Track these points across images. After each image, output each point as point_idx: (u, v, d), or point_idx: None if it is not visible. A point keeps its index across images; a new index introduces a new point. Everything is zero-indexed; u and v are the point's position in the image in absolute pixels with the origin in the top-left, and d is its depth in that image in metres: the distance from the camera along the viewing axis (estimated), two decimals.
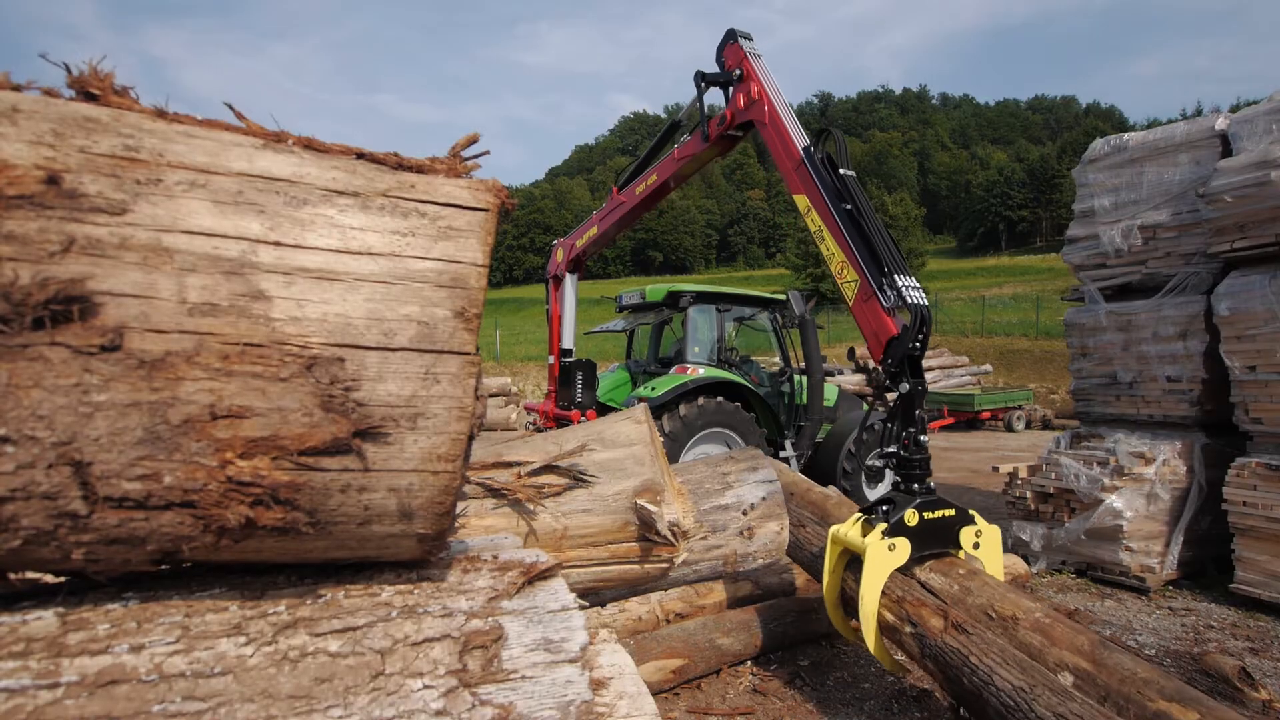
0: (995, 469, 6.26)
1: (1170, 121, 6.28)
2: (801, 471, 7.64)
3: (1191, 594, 5.08)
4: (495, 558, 1.29)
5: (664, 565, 3.30)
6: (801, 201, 4.80)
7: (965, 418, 16.83)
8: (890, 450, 3.60)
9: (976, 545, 3.28)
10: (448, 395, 1.04)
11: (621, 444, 3.22)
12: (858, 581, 3.11)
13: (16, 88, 0.91)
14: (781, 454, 7.54)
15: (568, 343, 8.57)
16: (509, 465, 3.05)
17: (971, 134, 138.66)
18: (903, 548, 3.11)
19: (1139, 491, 5.13)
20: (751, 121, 5.68)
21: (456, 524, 1.21)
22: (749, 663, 3.80)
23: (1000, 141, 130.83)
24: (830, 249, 4.51)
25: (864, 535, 3.17)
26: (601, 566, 3.16)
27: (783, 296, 8.12)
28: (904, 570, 3.09)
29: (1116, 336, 5.83)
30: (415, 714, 1.00)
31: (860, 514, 3.34)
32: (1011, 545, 5.81)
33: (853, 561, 3.31)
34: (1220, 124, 5.30)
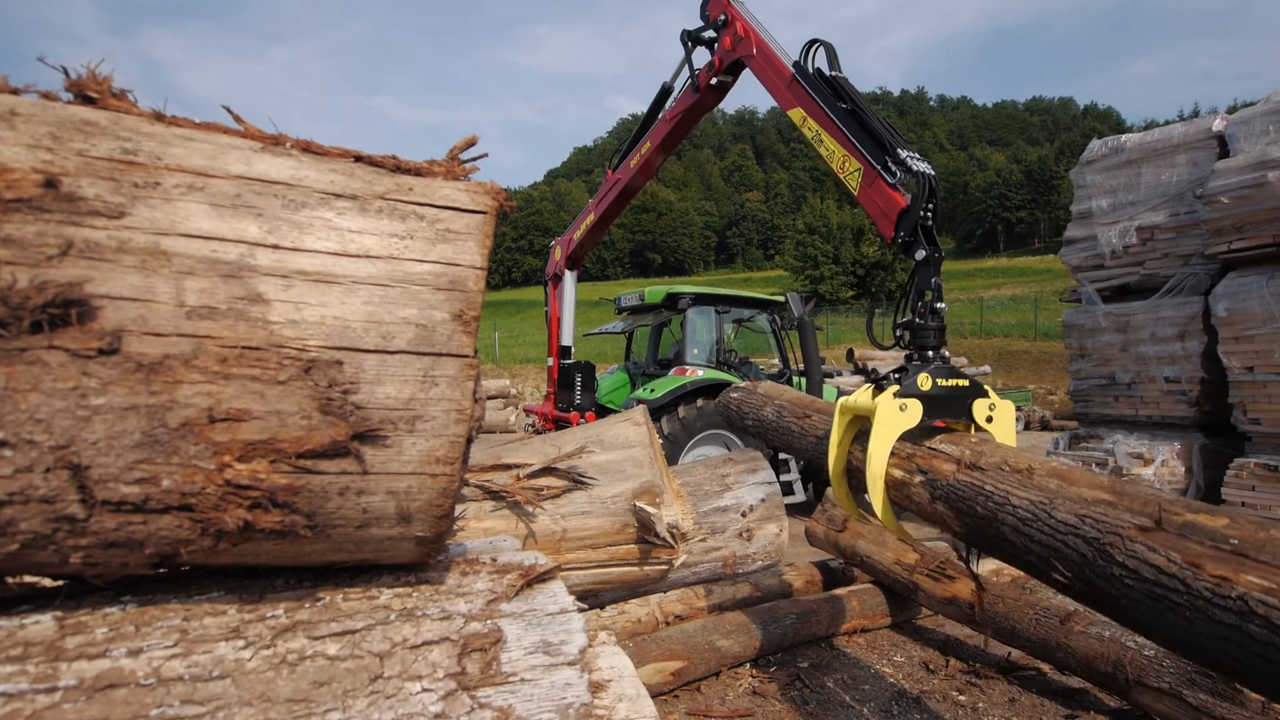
0: None
1: (1168, 123, 6.30)
2: (800, 474, 7.65)
3: None
4: (494, 560, 1.29)
5: (663, 567, 3.30)
6: (797, 114, 4.86)
7: None
8: (905, 320, 3.50)
9: (990, 419, 3.13)
10: (446, 398, 1.04)
11: (620, 446, 3.22)
12: (865, 451, 2.99)
13: (14, 91, 0.91)
14: (780, 455, 7.54)
15: (567, 340, 8.59)
16: (508, 467, 3.05)
17: (969, 135, 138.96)
18: (914, 410, 2.97)
19: None
20: (740, 61, 5.77)
21: (455, 526, 1.21)
22: (748, 665, 3.80)
23: (998, 143, 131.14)
24: (829, 148, 4.54)
25: (865, 400, 3.06)
26: (600, 569, 3.16)
27: (781, 298, 8.13)
28: (912, 438, 2.97)
29: (1115, 337, 5.84)
30: (414, 717, 1.00)
31: (869, 383, 3.21)
32: None
33: (859, 436, 3.17)
34: (1218, 125, 5.31)
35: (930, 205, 3.77)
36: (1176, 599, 1.68)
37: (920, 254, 3.73)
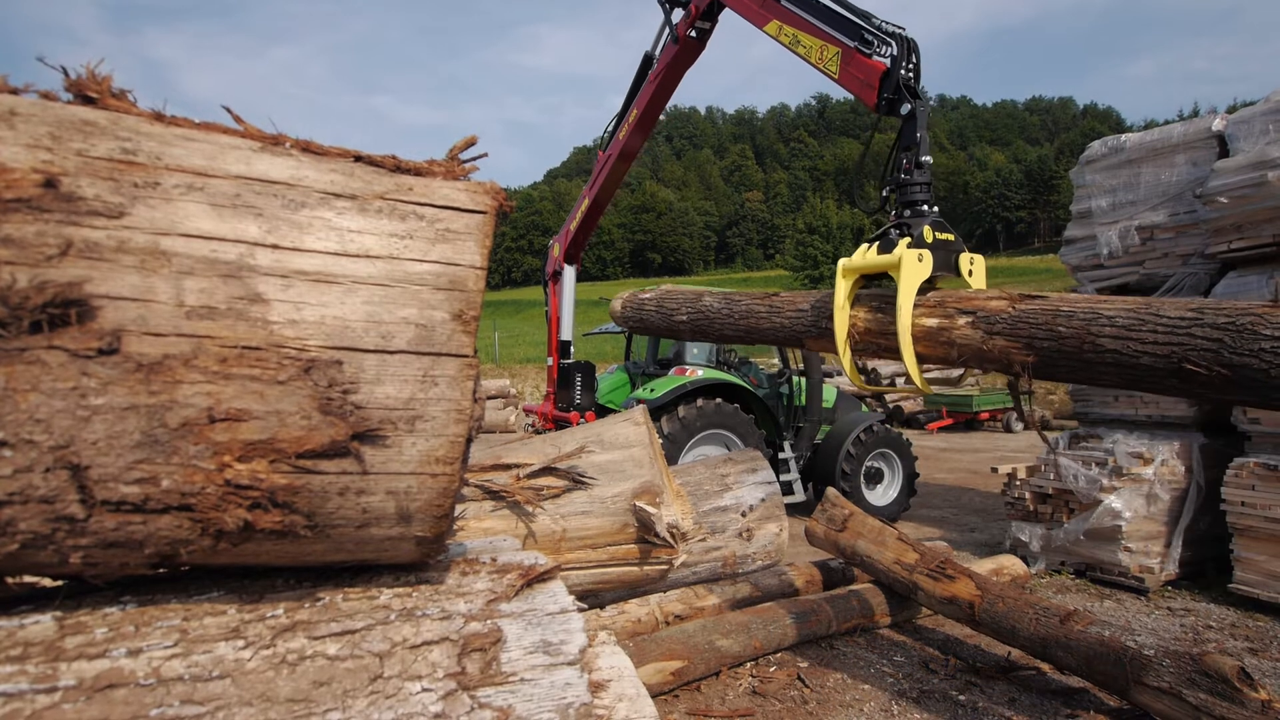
0: (994, 470, 6.26)
1: (1167, 122, 6.30)
2: (800, 473, 7.66)
3: (1190, 594, 5.08)
4: (494, 560, 1.29)
5: (663, 567, 3.30)
6: (773, 28, 4.95)
7: (964, 418, 16.85)
8: (893, 177, 3.54)
9: (970, 273, 3.16)
10: (446, 398, 1.04)
11: (620, 446, 3.22)
12: (874, 311, 2.93)
13: (14, 91, 0.91)
14: (780, 455, 7.54)
15: (566, 335, 8.58)
16: (508, 467, 3.05)
17: (969, 135, 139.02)
18: (928, 260, 2.95)
19: (1138, 492, 5.13)
20: (716, 3, 5.95)
21: (455, 526, 1.21)
22: (748, 664, 3.80)
23: (998, 143, 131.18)
24: (807, 44, 4.61)
25: (882, 254, 3.04)
26: (600, 568, 3.16)
27: None
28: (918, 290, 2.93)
29: None
30: (414, 717, 1.00)
31: (868, 243, 3.20)
32: (1010, 546, 5.82)
33: (858, 299, 3.14)
34: (1217, 125, 5.31)
35: (911, 63, 3.84)
36: None
37: (905, 108, 3.80)
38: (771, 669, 3.79)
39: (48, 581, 1.10)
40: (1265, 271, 4.76)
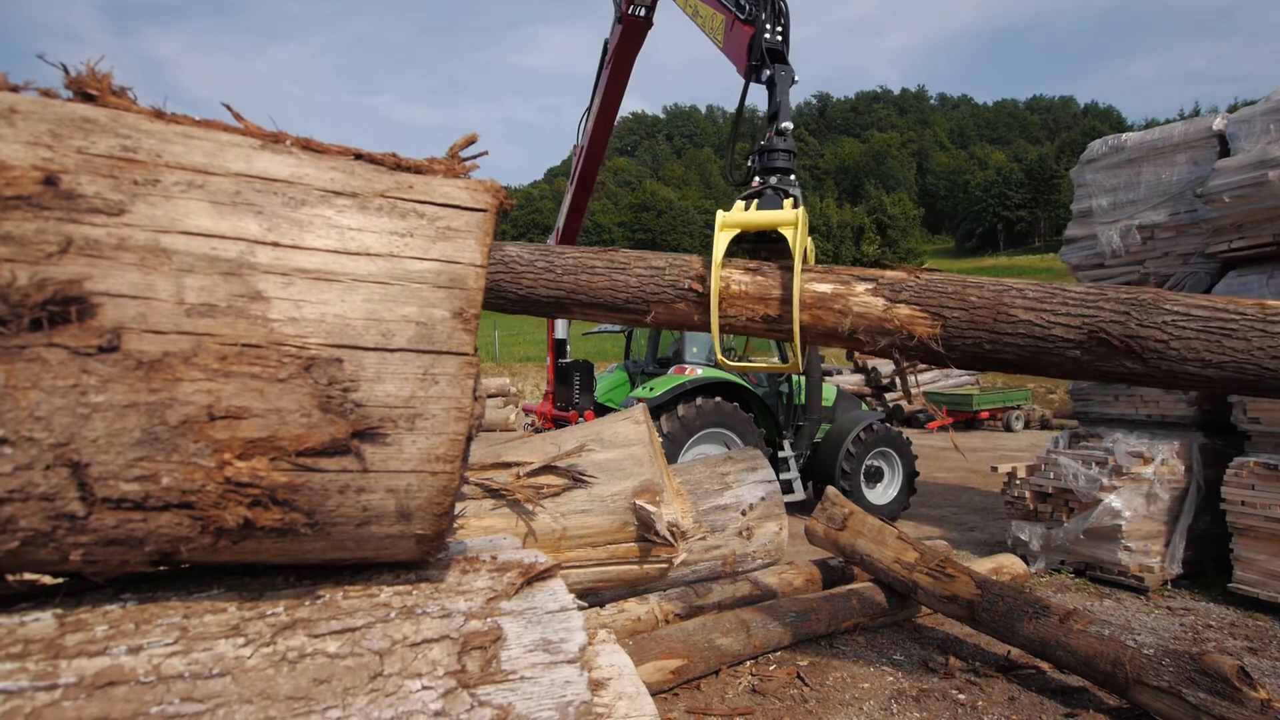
0: (994, 469, 6.27)
1: (1168, 122, 6.29)
2: (800, 472, 7.66)
3: (1190, 593, 5.09)
4: (494, 558, 1.29)
5: (663, 565, 3.31)
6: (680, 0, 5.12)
7: (964, 418, 16.84)
8: (758, 145, 3.50)
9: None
10: (446, 396, 1.04)
11: (620, 445, 3.22)
12: (751, 273, 2.66)
13: (14, 88, 0.91)
14: (780, 454, 7.54)
15: (561, 334, 8.59)
16: (508, 466, 3.05)
17: (970, 134, 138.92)
18: (804, 224, 2.81)
19: (1137, 491, 5.14)
20: None
21: (455, 525, 1.21)
22: (748, 663, 3.80)
23: (998, 142, 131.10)
24: (704, 14, 4.73)
25: (766, 212, 2.86)
26: (600, 567, 3.16)
27: None
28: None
29: None
30: (414, 715, 1.00)
31: (742, 199, 3.01)
32: (1010, 545, 5.82)
33: (728, 260, 2.81)
34: (1218, 124, 5.31)
35: (779, 28, 3.83)
36: (1231, 325, 2.06)
37: (765, 74, 3.79)
38: (771, 667, 3.79)
39: (48, 579, 1.10)
40: (1265, 271, 4.76)
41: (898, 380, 3.30)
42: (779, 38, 3.89)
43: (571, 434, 3.33)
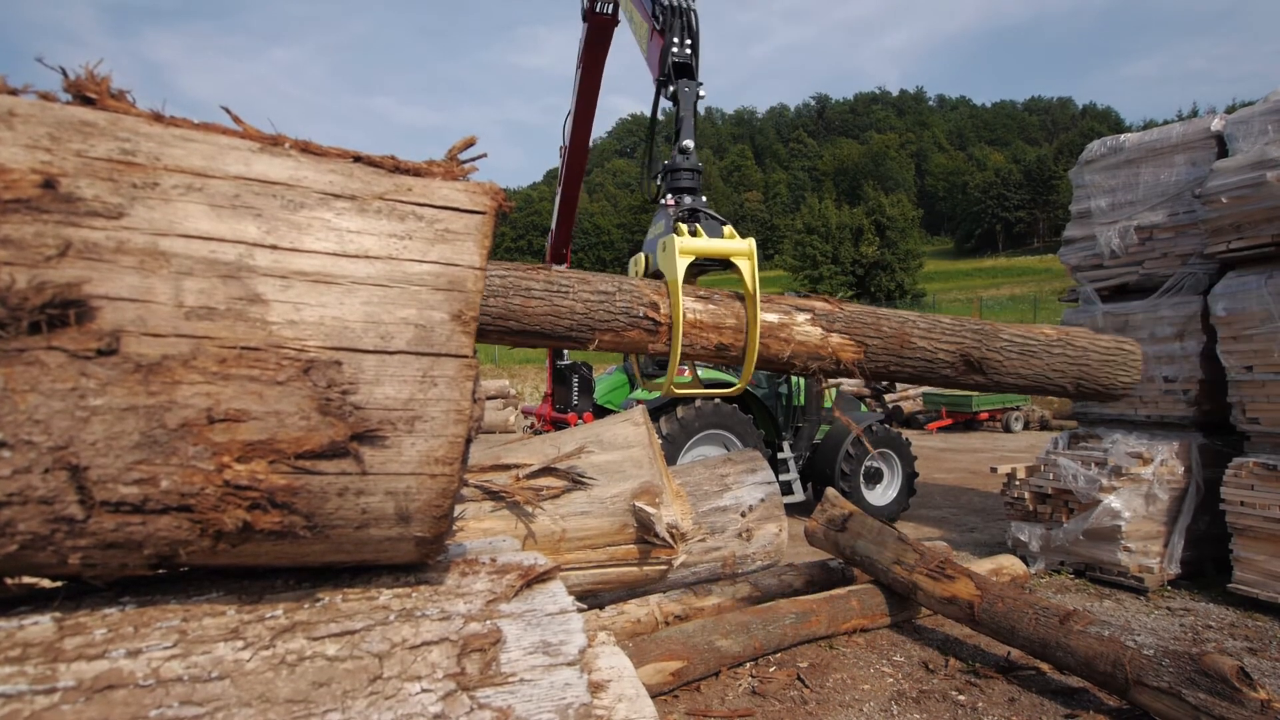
0: (993, 470, 6.27)
1: (1166, 122, 6.30)
2: (799, 473, 7.66)
3: (1190, 594, 5.09)
4: (493, 560, 1.29)
5: (662, 567, 3.31)
6: (625, 3, 5.20)
7: (963, 419, 16.85)
8: (666, 163, 3.51)
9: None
10: (445, 398, 1.04)
11: (620, 446, 3.22)
12: (703, 301, 2.71)
13: (13, 92, 0.91)
14: (779, 455, 7.54)
15: None
16: (507, 468, 3.05)
17: (968, 135, 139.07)
18: None
19: (1137, 492, 5.14)
20: None
21: (454, 527, 1.21)
22: (748, 664, 3.80)
23: (997, 143, 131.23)
24: (636, 21, 4.82)
25: (722, 241, 2.93)
26: (600, 569, 3.16)
27: None
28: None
29: None
30: (413, 717, 1.00)
31: (683, 223, 3.07)
32: (1010, 546, 5.82)
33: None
34: (1216, 125, 5.32)
35: (688, 41, 3.81)
36: (1033, 348, 2.84)
37: (670, 89, 3.77)
38: (771, 669, 3.79)
39: (47, 582, 1.10)
40: (1264, 271, 4.76)
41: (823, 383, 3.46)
42: (687, 51, 3.87)
43: (571, 436, 3.33)
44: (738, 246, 2.87)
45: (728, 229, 2.96)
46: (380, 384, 1.00)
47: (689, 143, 3.54)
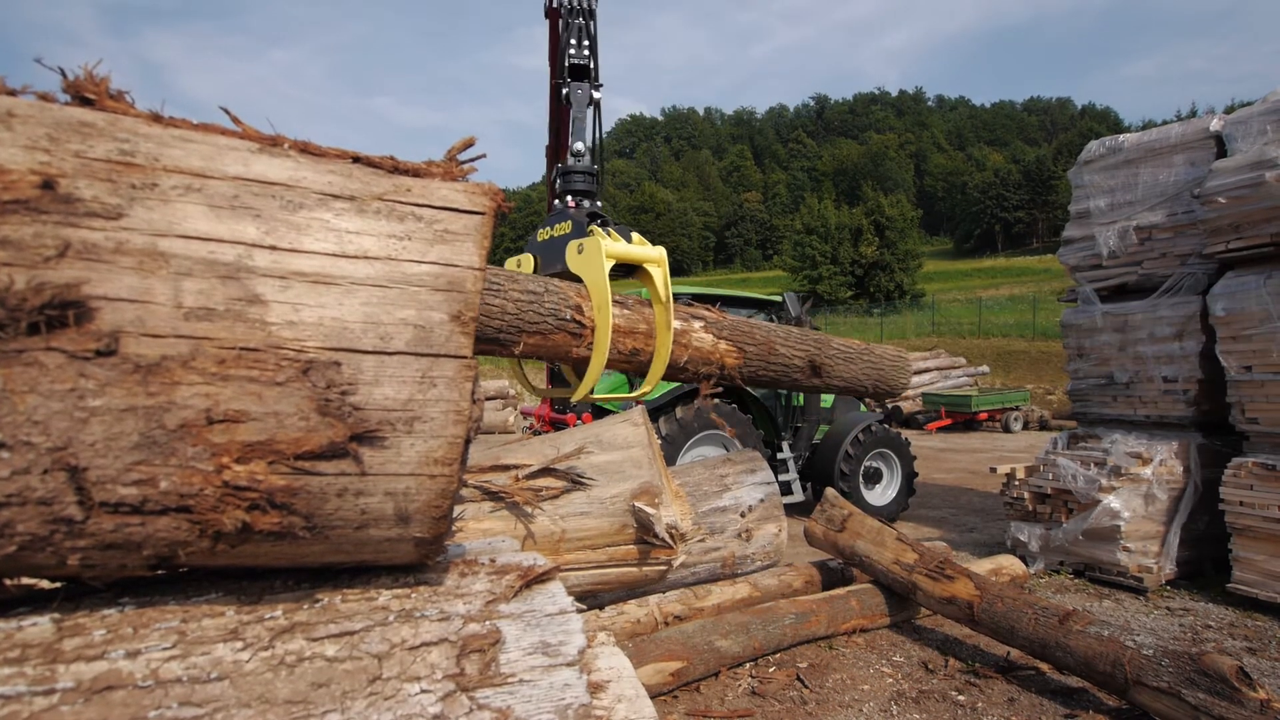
0: (993, 470, 6.27)
1: (1165, 123, 6.31)
2: (798, 473, 7.66)
3: (1189, 594, 5.09)
4: (493, 561, 1.29)
5: (662, 567, 3.31)
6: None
7: (963, 419, 16.86)
8: (560, 166, 3.55)
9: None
10: (444, 399, 1.04)
11: (619, 447, 3.22)
12: (620, 306, 2.74)
13: (12, 92, 0.91)
14: (779, 455, 7.54)
15: None
16: (507, 468, 3.05)
17: (967, 136, 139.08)
18: None
19: (1136, 492, 5.14)
20: None
21: (454, 527, 1.21)
22: (748, 665, 3.80)
23: (996, 143, 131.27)
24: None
25: (639, 247, 2.93)
26: (599, 569, 3.16)
27: (779, 298, 8.13)
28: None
29: (1113, 337, 5.84)
30: (413, 718, 1.00)
31: (597, 226, 3.05)
32: (1009, 546, 5.82)
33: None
34: (1215, 125, 5.32)
35: (585, 44, 3.81)
36: (850, 355, 3.47)
37: (565, 92, 3.72)
38: (771, 669, 3.79)
39: (46, 583, 1.09)
40: (1263, 271, 4.77)
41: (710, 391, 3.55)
42: (585, 53, 3.87)
43: (570, 436, 3.33)
44: (654, 253, 2.91)
45: (636, 235, 2.99)
46: (379, 385, 1.00)
47: (580, 145, 3.56)
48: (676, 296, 7.80)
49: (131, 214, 0.90)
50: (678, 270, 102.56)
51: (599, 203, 3.40)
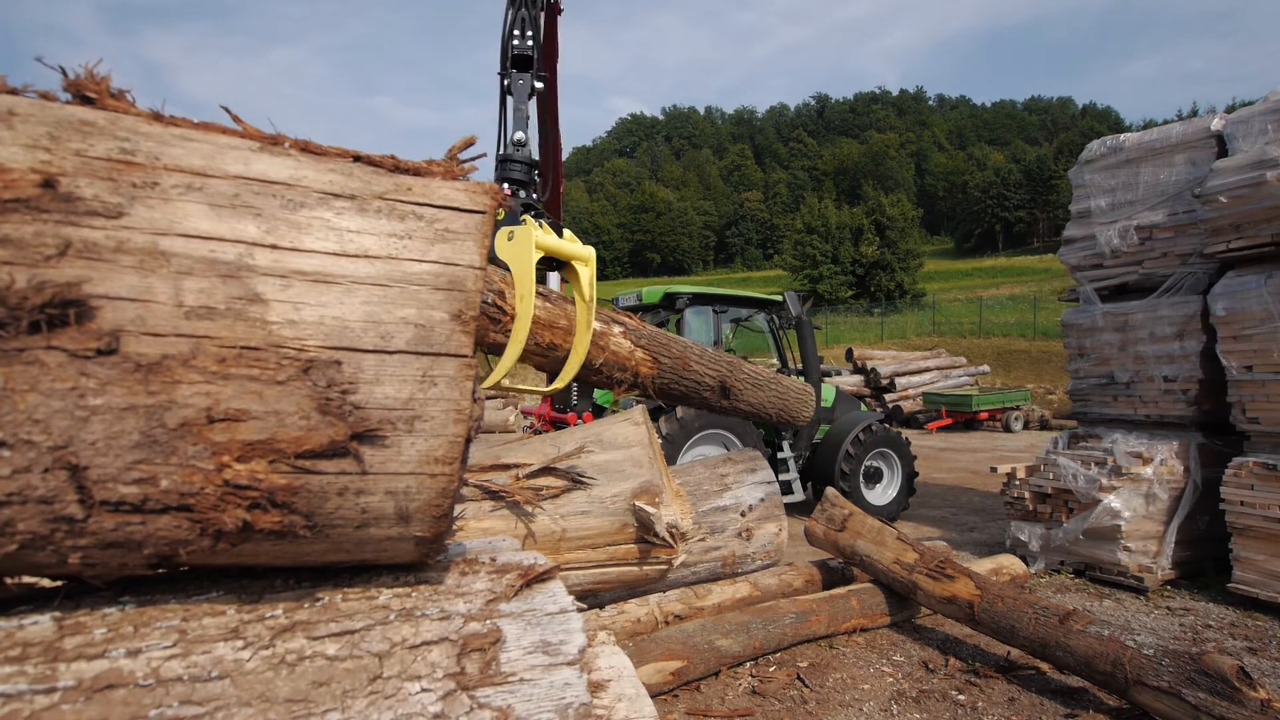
0: (993, 469, 6.27)
1: (1166, 122, 6.30)
2: (799, 472, 7.66)
3: (1189, 593, 5.09)
4: (493, 560, 1.29)
5: (662, 567, 3.31)
6: None
7: (963, 418, 16.86)
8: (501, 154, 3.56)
9: None
10: (445, 398, 1.04)
11: (620, 446, 3.22)
12: (543, 300, 2.75)
13: (13, 91, 0.91)
14: (779, 455, 7.54)
15: None
16: (507, 467, 3.05)
17: (968, 135, 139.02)
18: None
19: (1137, 491, 5.14)
20: None
21: (454, 526, 1.21)
22: (748, 664, 3.80)
23: (997, 142, 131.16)
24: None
25: (568, 242, 2.94)
26: (600, 568, 3.16)
27: (779, 298, 8.13)
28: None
29: (1113, 337, 5.84)
30: (413, 717, 1.00)
31: (531, 219, 3.11)
32: (1010, 546, 5.82)
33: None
34: (1216, 124, 5.32)
35: (529, 32, 3.83)
36: (762, 382, 3.43)
37: (506, 82, 3.79)
38: (771, 669, 3.79)
39: (46, 582, 1.09)
40: (1264, 271, 4.76)
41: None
42: (529, 44, 3.87)
43: (571, 436, 3.33)
44: (583, 251, 2.90)
45: (568, 232, 3.00)
46: (380, 384, 1.00)
47: (520, 135, 3.59)
48: (677, 296, 7.83)
49: (132, 213, 0.90)
50: (678, 269, 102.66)
51: (534, 194, 3.40)
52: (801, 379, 7.09)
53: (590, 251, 2.85)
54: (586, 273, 2.79)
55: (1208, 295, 5.12)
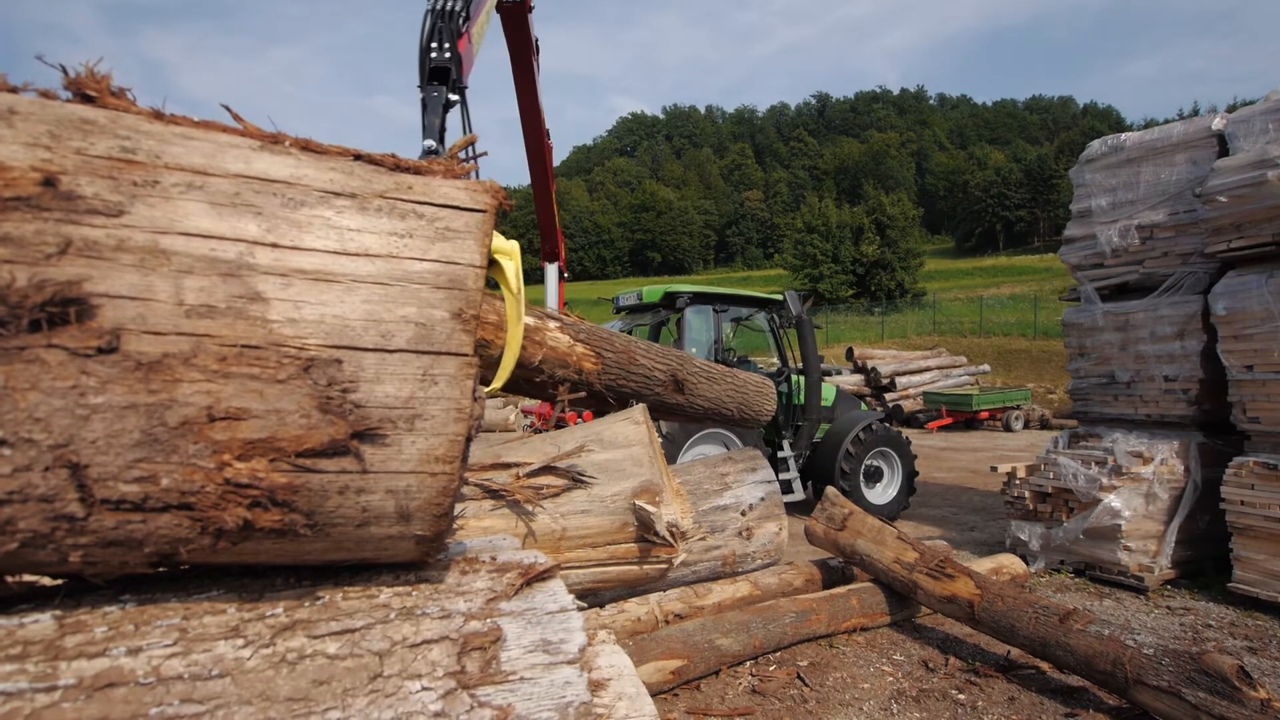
0: (993, 469, 6.27)
1: (1167, 122, 6.30)
2: (799, 471, 7.66)
3: (1190, 593, 5.09)
4: (493, 559, 1.29)
5: (663, 566, 3.30)
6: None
7: (963, 418, 16.85)
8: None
9: None
10: (445, 396, 1.04)
11: (620, 445, 3.22)
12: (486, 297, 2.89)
13: (13, 90, 0.91)
14: (779, 454, 7.54)
15: None
16: (507, 466, 3.05)
17: (969, 134, 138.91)
18: None
19: (1137, 491, 5.14)
20: None
21: (455, 525, 1.21)
22: (748, 663, 3.80)
23: (998, 142, 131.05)
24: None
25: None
26: (600, 567, 3.16)
27: (780, 297, 8.13)
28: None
29: (1114, 336, 5.84)
30: (414, 716, 1.00)
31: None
32: (1010, 545, 5.82)
33: None
34: (1217, 124, 5.31)
35: (445, 45, 3.83)
36: (716, 375, 3.49)
37: (420, 96, 3.82)
38: (771, 668, 3.79)
39: (47, 580, 1.10)
40: (1264, 271, 4.76)
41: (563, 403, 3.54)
42: (446, 56, 3.85)
43: (571, 434, 3.33)
44: (507, 245, 2.92)
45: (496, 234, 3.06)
46: (381, 382, 1.00)
47: (429, 143, 3.64)
48: (677, 295, 7.82)
49: (133, 211, 0.90)
50: (679, 268, 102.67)
51: None
52: (763, 377, 7.20)
53: (514, 245, 2.87)
54: (512, 266, 2.81)
55: (1208, 295, 5.11)
